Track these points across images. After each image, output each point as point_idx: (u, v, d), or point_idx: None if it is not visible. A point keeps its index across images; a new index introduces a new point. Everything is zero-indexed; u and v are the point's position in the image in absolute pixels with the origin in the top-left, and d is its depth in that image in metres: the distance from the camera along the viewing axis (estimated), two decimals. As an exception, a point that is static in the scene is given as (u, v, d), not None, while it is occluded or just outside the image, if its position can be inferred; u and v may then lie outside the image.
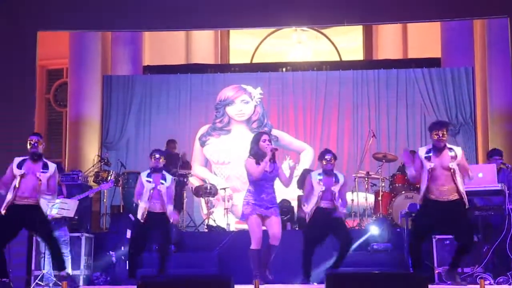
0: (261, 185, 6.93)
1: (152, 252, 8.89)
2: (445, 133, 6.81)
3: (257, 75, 13.42)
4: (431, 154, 6.77)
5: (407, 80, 12.95)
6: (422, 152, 6.87)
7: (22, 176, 6.91)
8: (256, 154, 6.95)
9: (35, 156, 7.01)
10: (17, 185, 6.89)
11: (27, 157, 7.04)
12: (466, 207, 6.71)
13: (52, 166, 7.09)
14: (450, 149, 6.84)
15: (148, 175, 7.89)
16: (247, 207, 6.93)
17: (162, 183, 7.84)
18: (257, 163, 6.88)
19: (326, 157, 7.70)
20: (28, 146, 7.04)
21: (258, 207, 6.89)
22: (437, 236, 8.20)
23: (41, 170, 6.97)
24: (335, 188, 7.65)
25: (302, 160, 12.87)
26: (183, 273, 8.20)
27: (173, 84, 13.33)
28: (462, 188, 6.65)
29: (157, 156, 7.92)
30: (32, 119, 9.51)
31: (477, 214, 7.68)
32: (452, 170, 6.66)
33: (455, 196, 6.63)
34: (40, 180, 6.92)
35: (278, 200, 10.24)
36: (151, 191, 7.78)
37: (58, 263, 7.10)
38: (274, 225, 6.94)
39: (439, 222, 6.74)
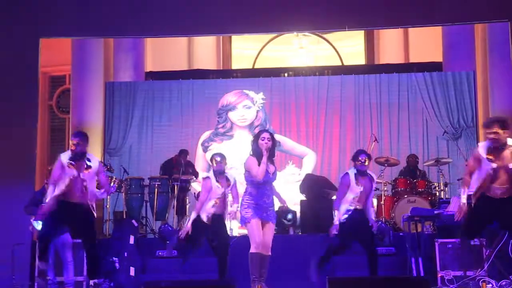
0: (262, 187, 6.73)
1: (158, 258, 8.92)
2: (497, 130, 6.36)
3: (259, 81, 13.44)
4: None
5: (408, 85, 12.97)
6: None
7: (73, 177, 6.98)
8: (255, 152, 6.74)
9: (77, 156, 7.04)
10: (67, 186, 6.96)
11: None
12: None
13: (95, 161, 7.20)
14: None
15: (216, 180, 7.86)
16: (248, 210, 6.72)
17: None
18: (259, 164, 6.65)
19: (360, 158, 7.43)
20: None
21: (259, 211, 6.70)
22: (440, 240, 8.20)
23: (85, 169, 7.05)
24: (373, 188, 7.55)
25: (304, 165, 12.88)
26: (186, 278, 8.19)
27: (175, 90, 13.37)
28: None
29: (219, 159, 7.91)
30: (35, 125, 9.53)
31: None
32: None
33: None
34: (85, 180, 6.99)
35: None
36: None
37: (94, 270, 7.16)
38: (268, 233, 6.75)
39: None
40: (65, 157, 7.12)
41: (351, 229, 7.35)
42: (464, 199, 6.61)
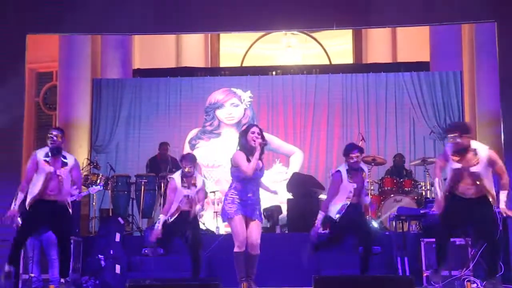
0: (249, 183, 6.44)
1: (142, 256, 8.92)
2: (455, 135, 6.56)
3: (247, 79, 13.44)
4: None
5: (396, 84, 13.00)
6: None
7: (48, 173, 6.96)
8: (243, 147, 6.47)
9: (54, 151, 7.01)
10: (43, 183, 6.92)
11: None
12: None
13: (71, 158, 7.17)
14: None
15: (182, 180, 7.76)
16: (231, 206, 6.42)
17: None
18: (248, 159, 6.38)
19: (352, 154, 7.29)
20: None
21: (244, 207, 6.41)
22: (425, 239, 8.23)
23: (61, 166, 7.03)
24: (365, 182, 7.47)
25: (291, 163, 12.89)
26: (171, 276, 8.18)
27: (163, 87, 13.33)
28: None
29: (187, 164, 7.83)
30: (21, 122, 9.49)
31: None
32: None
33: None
34: (61, 176, 6.97)
35: (268, 204, 10.37)
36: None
37: (65, 269, 7.14)
38: (254, 232, 6.44)
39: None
40: (41, 154, 7.10)
41: (349, 224, 7.23)
42: (438, 191, 6.66)
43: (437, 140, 12.56)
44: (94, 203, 11.08)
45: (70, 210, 7.16)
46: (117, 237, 9.12)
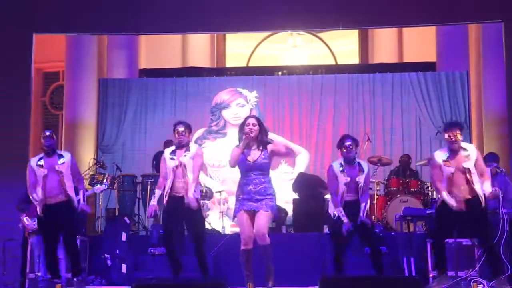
0: (247, 175, 6.30)
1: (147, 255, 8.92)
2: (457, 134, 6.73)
3: (253, 79, 13.44)
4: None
5: (402, 84, 12.98)
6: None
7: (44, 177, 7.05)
8: (240, 141, 6.41)
9: (49, 152, 7.12)
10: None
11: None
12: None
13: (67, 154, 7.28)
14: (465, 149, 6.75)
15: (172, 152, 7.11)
16: (236, 204, 6.38)
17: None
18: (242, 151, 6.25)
19: (346, 143, 6.98)
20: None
21: (246, 202, 6.28)
22: (432, 240, 8.20)
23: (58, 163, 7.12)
24: (361, 179, 6.97)
25: (297, 163, 12.88)
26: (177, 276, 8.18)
27: (169, 87, 13.34)
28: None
29: (181, 129, 7.20)
30: (28, 122, 9.51)
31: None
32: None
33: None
34: (62, 172, 7.05)
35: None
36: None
37: (76, 268, 7.17)
38: (258, 220, 6.21)
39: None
40: (34, 161, 7.24)
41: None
42: (452, 202, 6.65)
43: (444, 140, 12.49)
44: (100, 203, 11.10)
45: (77, 206, 7.20)
46: (123, 237, 9.14)
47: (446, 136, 6.84)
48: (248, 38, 15.15)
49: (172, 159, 7.06)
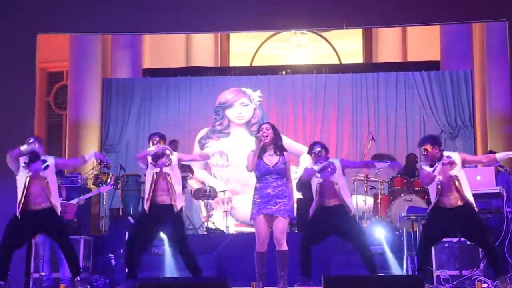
0: (265, 179, 6.53)
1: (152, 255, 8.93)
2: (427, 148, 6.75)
3: (256, 78, 13.44)
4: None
5: (406, 83, 12.97)
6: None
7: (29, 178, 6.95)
8: (255, 145, 6.57)
9: (32, 158, 7.02)
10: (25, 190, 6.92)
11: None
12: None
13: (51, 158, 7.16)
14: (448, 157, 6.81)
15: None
16: (253, 207, 6.53)
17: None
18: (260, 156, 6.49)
19: (315, 150, 7.25)
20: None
21: (265, 206, 6.46)
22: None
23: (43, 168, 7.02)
24: (335, 178, 7.10)
25: (301, 163, 12.87)
26: (181, 275, 8.20)
27: (172, 87, 13.36)
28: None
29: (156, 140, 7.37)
30: (32, 121, 9.52)
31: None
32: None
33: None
34: (46, 178, 6.96)
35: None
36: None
37: (75, 269, 7.13)
38: (277, 225, 6.47)
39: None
40: (21, 160, 7.11)
41: (318, 223, 7.08)
42: None
43: (448, 139, 12.50)
44: (104, 202, 11.12)
45: (58, 211, 7.08)
46: (127, 236, 9.13)
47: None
48: (251, 38, 15.16)
49: (152, 164, 7.30)
